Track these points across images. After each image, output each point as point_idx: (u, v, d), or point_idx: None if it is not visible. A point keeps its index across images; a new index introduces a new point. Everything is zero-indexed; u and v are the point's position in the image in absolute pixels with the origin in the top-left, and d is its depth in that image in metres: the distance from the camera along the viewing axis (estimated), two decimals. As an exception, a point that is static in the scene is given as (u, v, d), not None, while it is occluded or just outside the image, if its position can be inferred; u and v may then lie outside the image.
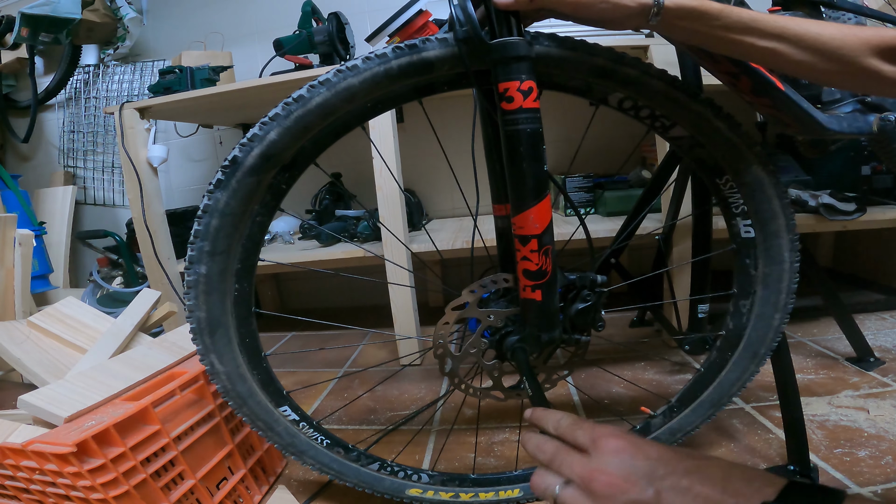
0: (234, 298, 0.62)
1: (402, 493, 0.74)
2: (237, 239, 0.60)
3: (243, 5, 1.87)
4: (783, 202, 0.65)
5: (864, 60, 0.52)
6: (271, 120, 0.56)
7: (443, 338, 0.66)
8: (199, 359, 0.63)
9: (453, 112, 1.62)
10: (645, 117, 0.65)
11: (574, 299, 0.65)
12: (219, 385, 0.64)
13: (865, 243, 1.59)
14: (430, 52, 0.57)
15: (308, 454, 0.72)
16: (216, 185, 0.57)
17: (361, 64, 0.56)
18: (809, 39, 0.52)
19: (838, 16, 0.91)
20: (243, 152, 0.57)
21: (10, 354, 0.84)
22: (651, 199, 1.05)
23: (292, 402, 0.71)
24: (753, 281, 0.69)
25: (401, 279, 1.26)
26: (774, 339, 0.71)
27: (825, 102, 0.83)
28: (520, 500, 0.74)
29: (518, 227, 0.59)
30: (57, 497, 0.61)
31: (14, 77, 2.06)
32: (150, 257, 1.41)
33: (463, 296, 0.65)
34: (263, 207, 0.60)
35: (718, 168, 0.67)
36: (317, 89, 0.56)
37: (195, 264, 0.59)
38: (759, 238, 0.68)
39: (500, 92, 0.55)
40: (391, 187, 1.24)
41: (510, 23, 0.54)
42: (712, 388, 0.74)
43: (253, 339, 0.65)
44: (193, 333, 0.61)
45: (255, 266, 0.63)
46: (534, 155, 0.56)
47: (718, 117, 0.64)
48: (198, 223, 0.58)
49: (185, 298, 0.61)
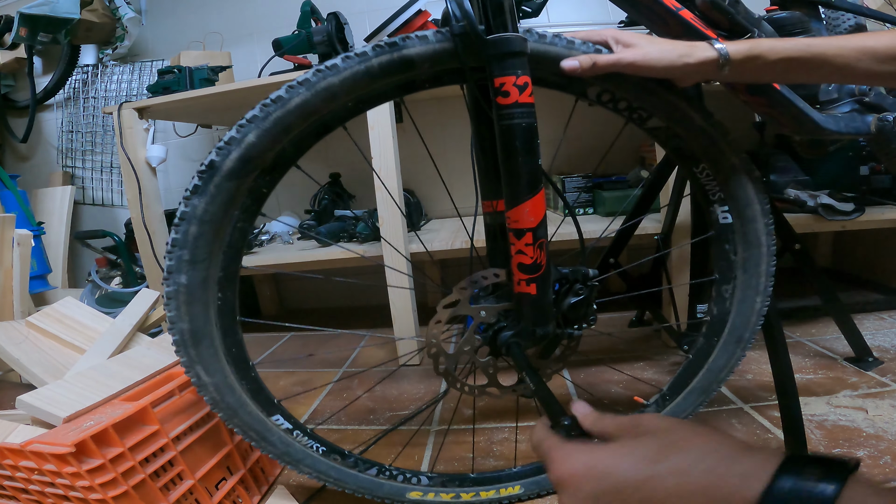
0: (218, 308, 0.61)
1: (403, 497, 0.73)
2: (218, 246, 0.58)
3: (242, 5, 1.87)
4: (757, 187, 0.68)
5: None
6: (249, 122, 0.55)
7: (436, 336, 0.66)
8: (185, 371, 0.60)
9: (453, 112, 1.63)
10: (623, 109, 0.65)
11: (567, 293, 0.65)
12: (207, 397, 0.62)
13: (864, 243, 1.59)
14: (410, 50, 0.56)
15: (304, 462, 0.70)
16: (193, 191, 0.55)
17: (341, 63, 0.56)
18: (882, 50, 0.56)
19: (837, 16, 0.91)
20: (220, 156, 0.55)
21: (9, 355, 0.83)
22: (650, 198, 1.05)
23: (284, 411, 0.69)
24: (734, 266, 0.71)
25: (399, 278, 1.26)
26: (757, 323, 0.72)
27: (823, 102, 0.83)
28: (521, 497, 0.74)
29: (513, 221, 0.59)
30: (55, 497, 0.61)
31: (12, 77, 2.06)
32: (148, 257, 1.41)
33: (454, 293, 0.65)
34: (244, 213, 0.59)
35: (695, 157, 0.68)
36: (296, 90, 0.55)
37: (174, 274, 0.57)
38: (737, 224, 0.69)
39: (496, 87, 0.55)
40: (390, 187, 1.24)
41: (506, 19, 0.54)
42: (701, 374, 0.75)
43: (239, 349, 0.64)
44: (177, 345, 0.59)
45: (237, 273, 0.62)
46: (529, 149, 0.57)
47: (692, 107, 0.65)
48: (175, 231, 0.56)
49: (165, 310, 0.58)
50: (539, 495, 0.75)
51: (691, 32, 0.67)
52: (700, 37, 0.67)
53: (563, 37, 0.60)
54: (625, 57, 0.58)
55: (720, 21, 0.68)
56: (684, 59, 0.58)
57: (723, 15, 0.67)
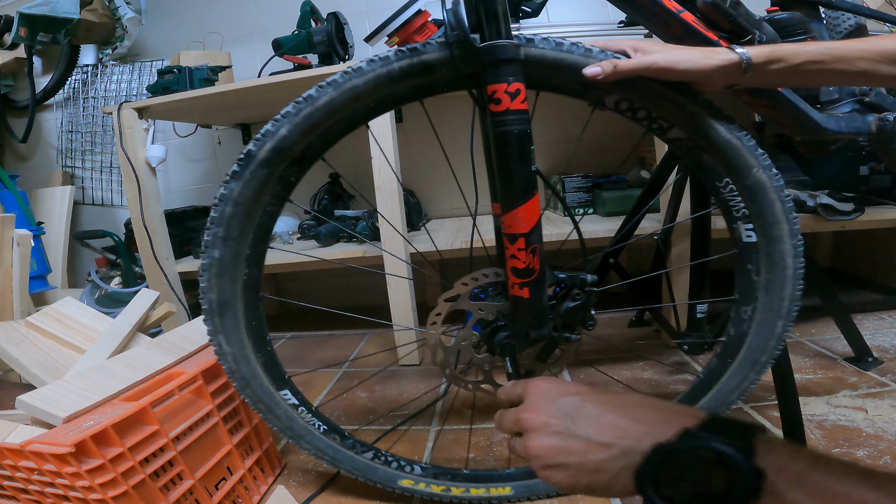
0: (244, 283, 0.66)
1: (394, 483, 0.75)
2: (249, 226, 0.64)
3: (242, 5, 1.87)
4: (786, 206, 0.64)
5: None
6: (283, 117, 0.60)
7: (435, 328, 0.67)
8: (209, 339, 0.67)
9: (453, 112, 1.62)
10: (642, 119, 0.64)
11: (564, 298, 0.66)
12: (225, 366, 0.68)
13: (864, 243, 1.59)
14: (430, 55, 0.59)
15: (305, 439, 0.73)
16: (232, 176, 0.62)
17: (366, 66, 0.59)
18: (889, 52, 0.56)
19: (837, 16, 0.91)
20: (257, 146, 0.61)
21: (9, 355, 0.83)
22: (650, 199, 1.05)
23: (293, 387, 0.73)
24: (755, 287, 0.67)
25: (399, 273, 1.26)
26: (777, 348, 0.68)
27: (823, 103, 0.83)
28: (510, 499, 0.74)
29: (506, 226, 0.60)
30: (55, 497, 0.61)
31: (12, 77, 2.06)
32: (148, 257, 1.41)
33: (455, 288, 0.66)
34: (274, 198, 0.65)
35: (718, 171, 0.65)
36: (324, 89, 0.60)
37: (210, 248, 0.63)
38: (762, 243, 0.66)
39: (488, 94, 0.56)
40: (390, 187, 1.24)
41: (499, 26, 0.54)
42: (710, 395, 0.72)
43: (259, 323, 0.69)
44: (204, 314, 0.66)
45: (264, 252, 0.67)
46: (521, 155, 0.57)
47: (717, 119, 0.62)
48: (214, 211, 0.62)
49: (199, 280, 0.65)
50: (529, 499, 0.75)
51: (693, 35, 0.67)
52: (702, 38, 0.66)
53: (581, 44, 0.60)
54: (645, 60, 0.57)
55: (721, 23, 0.68)
56: (706, 62, 0.57)
57: (724, 17, 0.67)
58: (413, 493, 0.75)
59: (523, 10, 1.20)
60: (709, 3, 0.66)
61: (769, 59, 0.57)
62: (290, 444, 0.74)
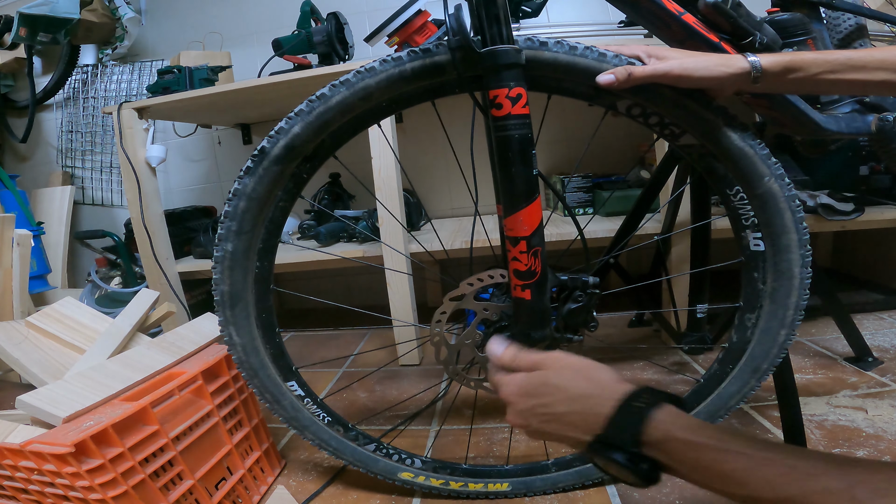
0: (255, 276, 0.68)
1: (395, 476, 0.76)
2: (261, 221, 0.66)
3: (242, 5, 1.86)
4: (796, 216, 0.63)
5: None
6: (296, 115, 0.62)
7: (439, 326, 0.68)
8: (220, 330, 0.69)
9: (454, 112, 1.62)
10: (654, 124, 0.64)
11: (566, 300, 0.66)
12: (234, 356, 0.70)
13: (864, 243, 1.59)
14: (441, 56, 0.60)
15: (309, 429, 0.75)
16: (245, 171, 0.63)
17: (378, 66, 0.60)
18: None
19: (837, 16, 0.91)
20: (270, 143, 0.62)
21: (9, 355, 0.83)
22: (650, 199, 1.05)
23: (300, 378, 0.75)
24: (761, 295, 0.67)
25: (400, 278, 1.26)
26: (778, 356, 0.68)
27: (823, 103, 0.83)
28: (507, 494, 0.75)
29: (508, 229, 0.60)
30: (55, 497, 0.61)
31: (12, 77, 2.05)
32: (148, 257, 1.40)
33: (460, 287, 0.66)
34: (286, 194, 0.66)
35: (729, 179, 0.65)
36: (337, 88, 0.61)
37: (223, 242, 0.65)
38: (770, 252, 0.65)
39: (490, 99, 0.56)
40: (390, 187, 1.24)
41: (501, 31, 0.54)
42: (710, 399, 0.73)
43: (269, 315, 0.71)
44: (216, 305, 0.68)
45: (275, 247, 0.69)
46: (523, 159, 0.57)
47: (731, 127, 0.62)
48: (227, 205, 0.64)
49: (212, 272, 0.67)
50: (525, 495, 0.75)
51: (694, 36, 0.67)
52: (703, 40, 0.66)
53: (595, 48, 0.60)
54: (661, 67, 0.57)
55: (722, 24, 0.67)
56: (721, 69, 0.57)
57: (725, 18, 0.67)
58: (412, 485, 0.76)
59: (523, 11, 1.20)
60: (710, 4, 0.66)
61: (787, 67, 0.57)
62: (292, 441, 0.74)
